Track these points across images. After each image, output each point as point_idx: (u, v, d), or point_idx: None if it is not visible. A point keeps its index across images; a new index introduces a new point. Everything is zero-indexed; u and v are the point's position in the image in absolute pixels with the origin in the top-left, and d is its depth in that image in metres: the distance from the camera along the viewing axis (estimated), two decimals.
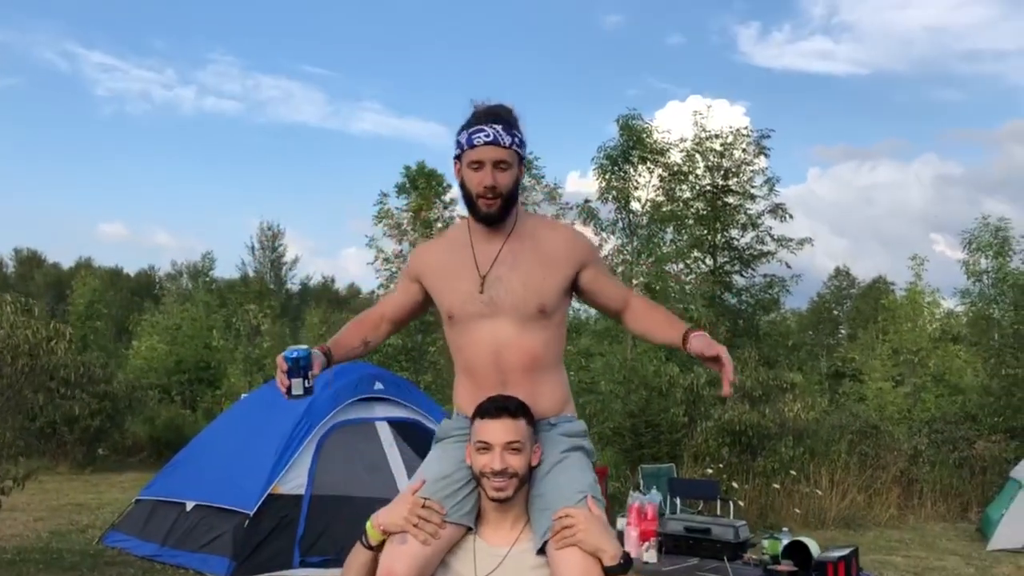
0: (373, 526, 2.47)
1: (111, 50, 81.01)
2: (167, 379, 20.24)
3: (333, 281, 58.85)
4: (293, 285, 50.56)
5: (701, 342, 2.55)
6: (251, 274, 44.06)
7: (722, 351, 2.52)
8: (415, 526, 2.40)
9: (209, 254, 49.49)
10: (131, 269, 59.70)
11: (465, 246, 2.65)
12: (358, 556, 2.48)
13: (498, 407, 2.44)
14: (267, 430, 7.76)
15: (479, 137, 2.53)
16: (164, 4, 75.54)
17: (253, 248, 46.76)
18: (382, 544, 2.43)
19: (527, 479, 2.46)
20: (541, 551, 2.40)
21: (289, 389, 2.54)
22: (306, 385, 2.55)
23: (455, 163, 2.65)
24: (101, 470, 14.14)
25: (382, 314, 2.87)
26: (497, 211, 2.57)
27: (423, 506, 2.43)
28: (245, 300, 29.72)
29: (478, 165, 2.55)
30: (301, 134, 78.42)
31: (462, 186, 2.62)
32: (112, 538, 8.11)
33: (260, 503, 7.13)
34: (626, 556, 2.32)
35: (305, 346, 2.58)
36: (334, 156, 79.16)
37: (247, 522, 7.04)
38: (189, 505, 7.60)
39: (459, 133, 2.60)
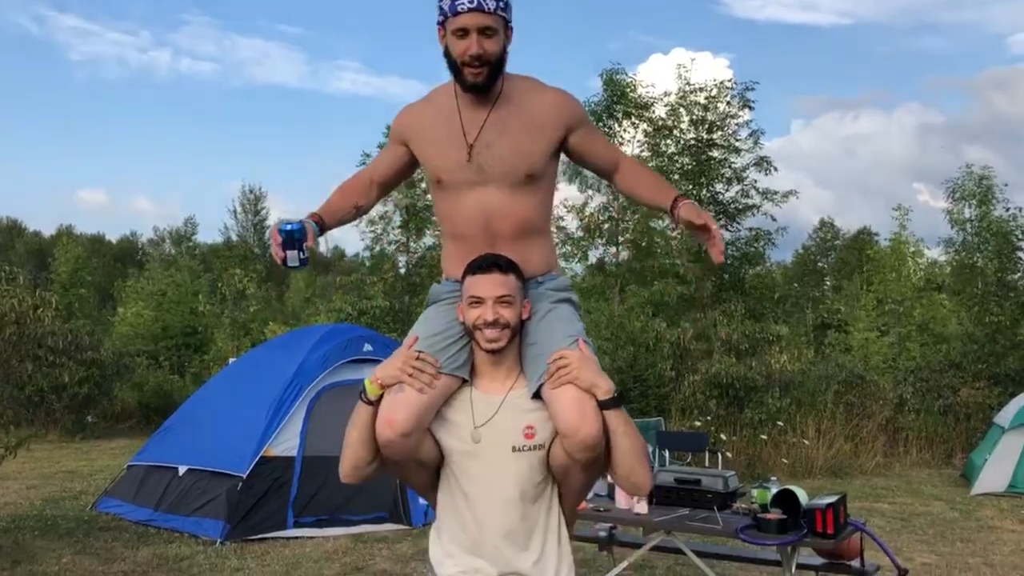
0: (371, 381, 2.50)
1: (84, 13, 79.90)
2: (154, 345, 20.19)
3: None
4: None
5: (690, 211, 2.53)
6: (234, 238, 43.81)
7: (709, 219, 2.50)
8: (410, 376, 2.44)
9: (191, 219, 49.40)
10: (113, 236, 59.32)
11: (452, 112, 2.62)
12: (360, 413, 2.50)
13: (489, 263, 2.50)
14: (257, 393, 7.77)
15: (463, 3, 2.47)
16: None
17: (235, 212, 46.50)
18: (380, 399, 2.47)
19: (518, 331, 2.52)
20: (536, 396, 2.47)
21: (284, 260, 2.54)
22: (301, 256, 2.55)
23: (439, 29, 2.58)
24: (91, 437, 14.17)
25: (370, 177, 2.84)
26: (484, 80, 2.53)
27: (417, 358, 2.48)
28: (229, 264, 29.58)
29: (462, 33, 2.50)
30: (280, 95, 77.71)
31: (446, 54, 2.57)
32: (105, 504, 8.15)
33: (252, 466, 7.17)
34: (619, 391, 2.40)
35: (298, 219, 2.58)
36: (314, 117, 78.66)
37: (240, 485, 7.08)
38: (181, 470, 7.63)
39: None
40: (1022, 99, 72.66)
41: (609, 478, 2.69)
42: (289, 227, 2.53)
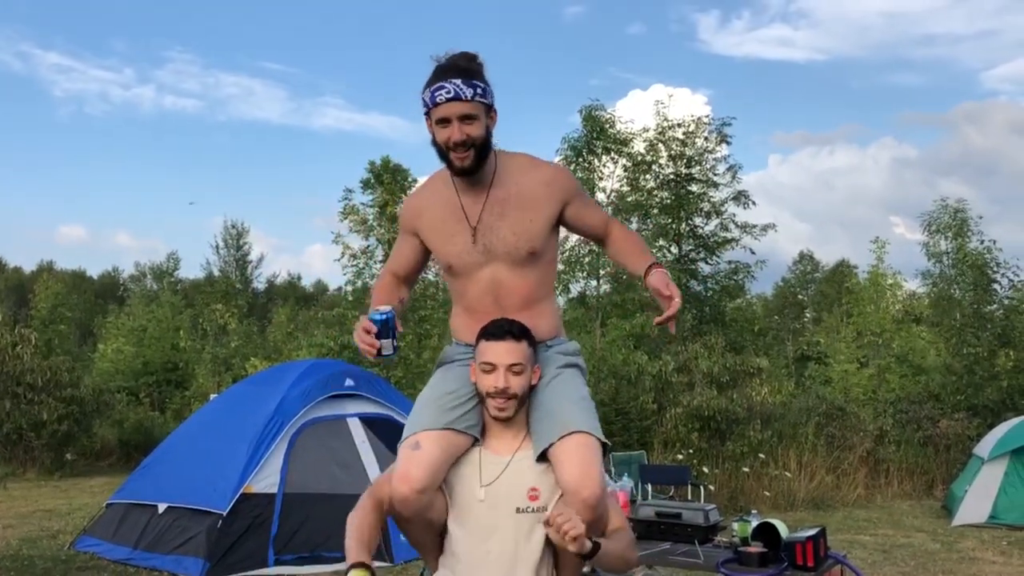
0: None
1: (67, 50, 79.94)
2: (134, 381, 20.05)
3: (299, 278, 58.41)
4: (259, 284, 50.16)
5: (658, 279, 2.62)
6: (216, 273, 43.59)
7: (675, 292, 2.60)
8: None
9: (174, 254, 49.07)
10: (94, 272, 59.06)
11: (452, 198, 2.72)
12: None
13: (503, 330, 2.58)
14: (238, 430, 7.73)
15: (440, 94, 2.57)
16: (121, 3, 74.59)
17: (218, 247, 46.24)
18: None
19: (527, 398, 2.60)
20: (541, 458, 2.54)
21: (380, 351, 2.57)
22: (394, 344, 2.59)
23: (425, 120, 2.68)
24: (70, 475, 14.00)
25: (394, 274, 2.92)
26: (471, 163, 2.62)
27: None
28: (211, 300, 29.48)
29: (445, 122, 2.59)
30: (263, 131, 77.85)
31: (434, 142, 2.67)
32: (84, 543, 8.06)
33: (233, 503, 7.12)
34: (595, 545, 2.41)
35: (387, 307, 2.62)
36: (297, 153, 78.74)
37: (220, 522, 7.03)
38: (161, 507, 7.57)
39: (423, 91, 2.63)
40: (995, 133, 73.82)
41: None
42: (382, 316, 2.57)
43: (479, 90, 2.59)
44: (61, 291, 29.04)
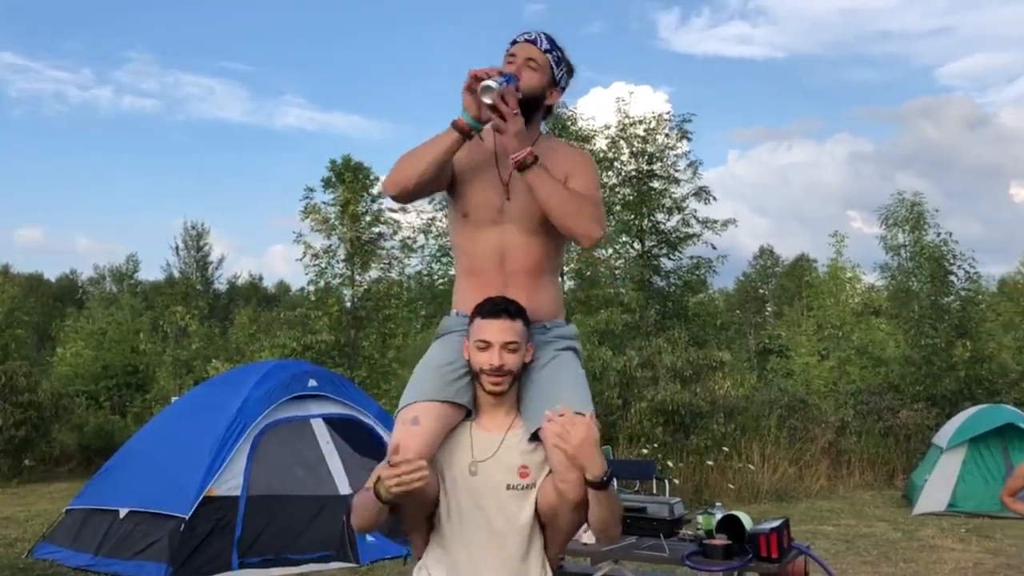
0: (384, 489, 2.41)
1: (23, 51, 78.36)
2: (94, 385, 19.78)
3: (261, 279, 57.80)
4: (220, 285, 49.62)
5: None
6: (177, 275, 43.12)
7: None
8: (409, 483, 2.34)
9: (133, 256, 48.48)
10: (52, 274, 57.98)
11: (490, 151, 2.77)
12: (368, 502, 2.47)
13: (498, 308, 2.59)
14: (200, 432, 7.66)
15: (521, 37, 2.80)
16: (78, 3, 73.48)
17: (178, 248, 45.75)
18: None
19: (520, 375, 2.62)
20: (533, 437, 2.55)
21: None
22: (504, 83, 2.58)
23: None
24: (28, 481, 13.78)
25: None
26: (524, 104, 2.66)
27: (401, 463, 2.37)
28: (172, 302, 29.12)
29: (510, 57, 2.78)
30: (224, 131, 77.00)
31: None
32: (42, 550, 7.93)
33: (196, 506, 7.05)
34: (609, 474, 2.44)
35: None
36: (258, 152, 77.92)
37: (183, 526, 6.96)
38: (123, 512, 7.47)
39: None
40: (949, 127, 74.99)
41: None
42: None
43: (555, 53, 2.79)
44: (17, 295, 28.43)
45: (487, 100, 2.54)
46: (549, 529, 2.59)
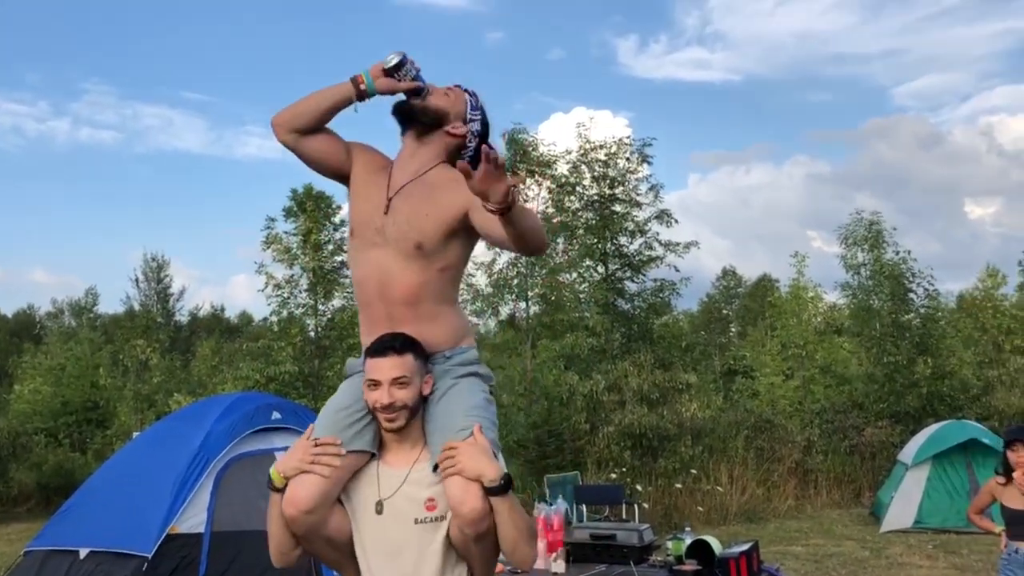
0: (276, 472, 2.57)
1: None
2: (53, 422, 19.42)
3: (223, 310, 57.25)
4: (182, 316, 49.03)
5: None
6: (137, 308, 42.58)
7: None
8: (312, 463, 2.51)
9: (92, 289, 47.78)
10: (8, 310, 57.12)
11: (386, 168, 2.76)
12: (273, 502, 2.59)
13: (384, 346, 2.56)
14: (162, 468, 7.51)
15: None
16: (34, 35, 72.68)
17: (137, 280, 45.11)
18: (286, 486, 2.55)
19: (419, 408, 2.59)
20: (436, 468, 2.52)
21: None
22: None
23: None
24: None
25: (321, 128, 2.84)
26: (420, 113, 2.72)
27: (316, 444, 2.53)
28: (132, 335, 28.80)
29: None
30: (183, 162, 76.40)
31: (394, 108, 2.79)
32: None
33: (158, 544, 6.90)
34: (506, 477, 2.44)
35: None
36: (219, 183, 77.37)
37: (145, 565, 6.80)
38: (83, 552, 7.29)
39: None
40: (904, 147, 76.22)
41: None
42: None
43: (476, 102, 2.83)
44: None
45: (394, 66, 2.66)
46: (467, 560, 2.57)
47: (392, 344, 2.56)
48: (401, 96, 2.75)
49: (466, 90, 2.82)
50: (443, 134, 2.75)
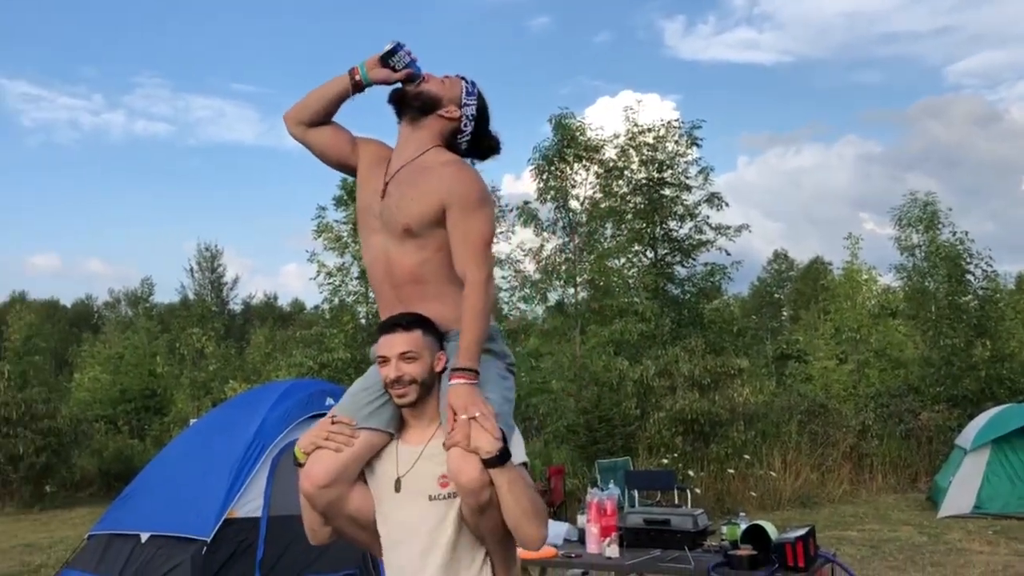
0: (297, 448, 2.66)
1: (36, 79, 78.90)
2: (112, 410, 19.87)
3: (276, 298, 58.00)
4: (235, 305, 49.79)
5: (450, 397, 2.51)
6: (192, 297, 43.27)
7: (462, 412, 2.46)
8: (326, 439, 2.60)
9: (148, 279, 48.60)
10: (67, 300, 58.35)
11: (388, 153, 2.84)
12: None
13: (392, 322, 2.66)
14: (219, 454, 7.64)
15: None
16: (88, 30, 73.95)
17: (192, 270, 45.87)
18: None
19: (432, 384, 2.63)
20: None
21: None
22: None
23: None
24: (50, 507, 13.83)
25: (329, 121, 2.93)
26: (415, 99, 2.78)
27: (333, 422, 2.63)
28: (187, 324, 29.26)
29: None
30: (235, 153, 77.38)
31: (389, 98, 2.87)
32: None
33: (217, 529, 7.03)
34: (502, 451, 2.44)
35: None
36: (269, 173, 78.20)
37: (205, 549, 6.94)
38: (144, 536, 7.45)
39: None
40: (957, 125, 74.62)
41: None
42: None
43: (472, 88, 2.85)
44: (34, 322, 28.81)
45: (387, 52, 2.74)
46: (479, 536, 2.59)
47: (400, 321, 2.64)
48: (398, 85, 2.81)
49: (463, 78, 2.86)
50: (437, 118, 2.80)
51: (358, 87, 2.79)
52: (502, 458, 2.44)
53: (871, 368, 18.96)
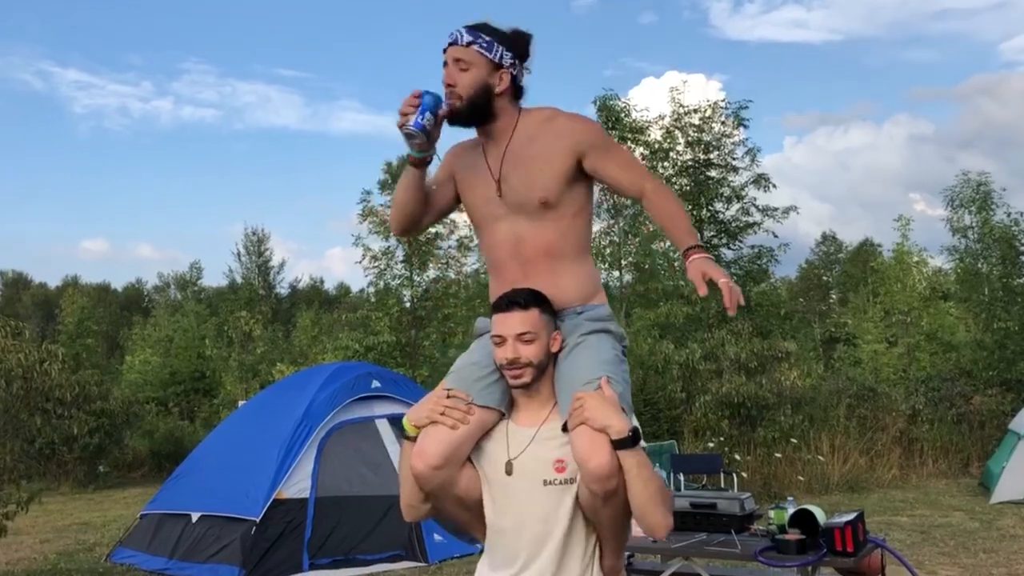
0: (408, 421, 2.56)
1: (86, 67, 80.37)
2: (163, 391, 20.20)
3: (322, 282, 58.54)
4: (282, 289, 50.32)
5: (693, 271, 2.48)
6: (239, 281, 43.79)
7: (718, 276, 2.44)
8: (441, 415, 2.50)
9: (196, 263, 49.28)
10: (118, 284, 59.44)
11: (479, 155, 2.74)
12: (405, 452, 2.58)
13: (509, 301, 2.52)
14: (267, 436, 7.75)
15: (447, 41, 2.68)
16: (135, 18, 75.16)
17: (239, 254, 46.36)
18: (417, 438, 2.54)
19: (547, 365, 2.53)
20: (565, 427, 2.46)
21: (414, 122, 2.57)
22: (424, 124, 2.56)
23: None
24: (103, 487, 14.12)
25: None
26: (454, 113, 2.64)
27: (448, 396, 2.53)
28: (235, 307, 29.65)
29: (445, 64, 2.67)
30: (280, 138, 78.15)
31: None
32: (120, 555, 8.10)
33: (265, 509, 7.13)
34: (634, 431, 2.36)
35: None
36: (314, 157, 78.92)
37: (254, 529, 7.04)
38: (195, 516, 7.60)
39: None
40: (1012, 104, 72.89)
41: None
42: (433, 93, 2.59)
43: (481, 41, 2.64)
44: (87, 305, 29.34)
45: (417, 142, 2.58)
46: (597, 529, 2.50)
47: (516, 299, 2.51)
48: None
49: (452, 42, 2.69)
50: (498, 97, 2.67)
51: (421, 163, 2.68)
52: (635, 439, 2.36)
53: (922, 351, 18.67)
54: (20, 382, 7.77)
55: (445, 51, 2.67)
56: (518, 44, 2.72)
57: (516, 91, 2.72)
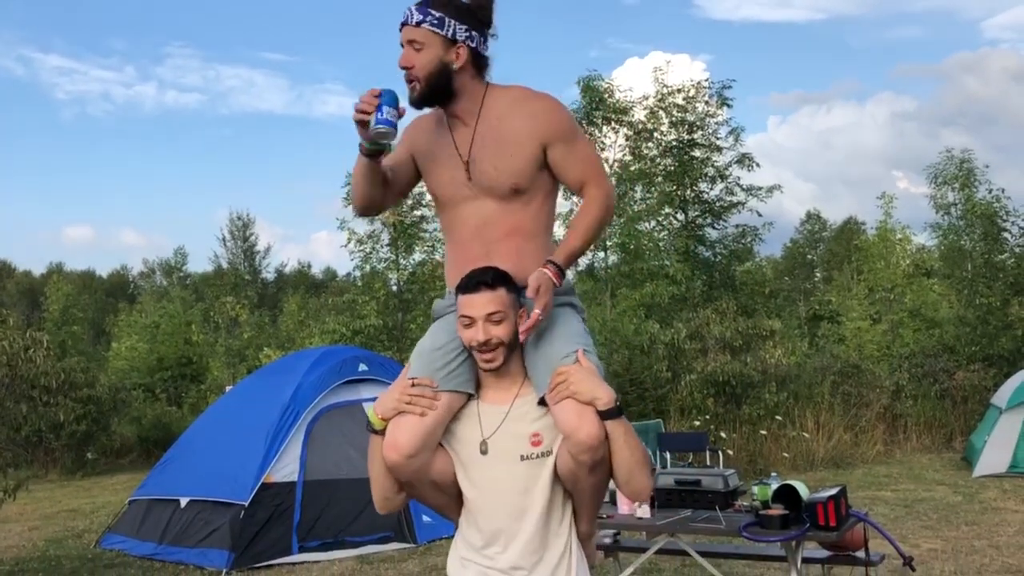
0: (374, 414, 2.54)
1: (68, 52, 79.76)
2: (150, 378, 20.15)
3: (309, 267, 58.45)
4: (268, 274, 50.23)
5: (533, 278, 2.46)
6: (225, 266, 43.69)
7: (539, 302, 2.42)
8: (408, 404, 2.48)
9: (181, 249, 49.11)
10: (103, 271, 59.22)
11: (446, 133, 2.67)
12: (373, 446, 2.57)
13: (476, 281, 2.47)
14: (255, 420, 7.76)
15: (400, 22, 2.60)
16: (118, 1, 74.41)
17: (224, 239, 46.30)
18: (386, 428, 2.52)
19: (516, 343, 2.50)
20: (542, 402, 2.47)
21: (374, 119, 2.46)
22: (387, 119, 2.45)
23: None
24: (92, 474, 14.10)
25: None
26: (417, 95, 2.58)
27: (413, 384, 2.50)
28: (221, 292, 29.57)
29: (402, 46, 2.60)
30: (266, 122, 77.79)
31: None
32: (109, 540, 8.12)
33: (254, 493, 7.15)
34: (620, 401, 2.39)
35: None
36: (300, 141, 78.68)
37: (243, 513, 7.07)
38: (183, 501, 7.61)
39: None
40: (994, 81, 73.19)
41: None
42: (390, 90, 2.50)
43: (430, 18, 2.54)
44: (72, 292, 29.17)
45: (383, 141, 2.52)
46: (574, 495, 2.52)
47: (483, 279, 2.47)
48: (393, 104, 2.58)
49: (403, 22, 2.62)
50: (457, 73, 2.58)
51: (371, 154, 2.58)
52: (620, 409, 2.38)
53: (905, 328, 18.80)
54: (5, 370, 7.79)
55: (401, 31, 2.59)
56: (476, 13, 2.61)
57: (479, 63, 2.64)
